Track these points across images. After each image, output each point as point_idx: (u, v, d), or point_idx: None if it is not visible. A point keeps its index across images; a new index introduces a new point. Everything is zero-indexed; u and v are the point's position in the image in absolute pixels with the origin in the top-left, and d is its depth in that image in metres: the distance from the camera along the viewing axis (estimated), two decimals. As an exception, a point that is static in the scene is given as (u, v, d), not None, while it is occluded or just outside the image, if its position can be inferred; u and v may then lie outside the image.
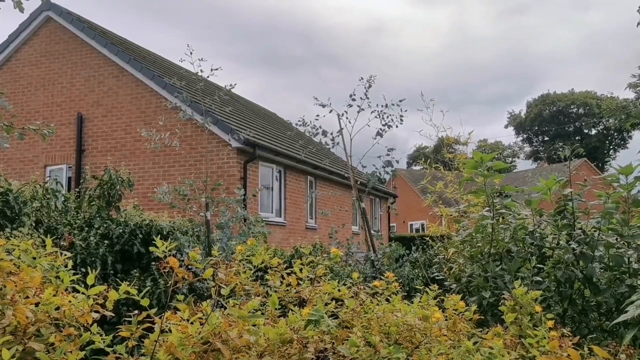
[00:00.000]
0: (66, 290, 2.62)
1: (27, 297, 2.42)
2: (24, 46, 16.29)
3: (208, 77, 7.36)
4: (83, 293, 2.47)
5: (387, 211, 24.66)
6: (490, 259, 4.71)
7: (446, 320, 2.95)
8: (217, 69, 7.26)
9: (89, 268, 5.49)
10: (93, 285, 2.48)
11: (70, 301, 2.43)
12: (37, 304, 2.40)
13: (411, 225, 45.30)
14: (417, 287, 4.64)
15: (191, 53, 7.17)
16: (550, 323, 3.02)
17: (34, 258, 2.84)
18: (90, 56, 15.54)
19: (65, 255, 2.97)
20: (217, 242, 7.11)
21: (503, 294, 3.52)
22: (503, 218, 4.91)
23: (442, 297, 3.26)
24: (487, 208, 4.90)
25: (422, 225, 41.20)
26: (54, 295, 2.43)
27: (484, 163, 4.68)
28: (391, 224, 28.77)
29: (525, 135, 73.68)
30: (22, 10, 3.24)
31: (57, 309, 2.42)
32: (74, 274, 2.76)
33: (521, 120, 72.52)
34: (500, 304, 3.45)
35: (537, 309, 3.20)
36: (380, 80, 7.87)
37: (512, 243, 4.74)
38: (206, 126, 7.55)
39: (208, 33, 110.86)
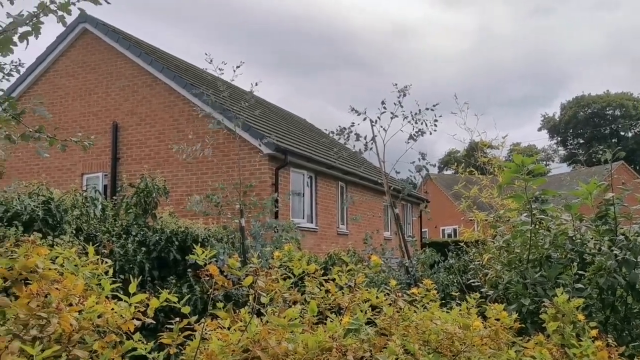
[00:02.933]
0: (107, 297, 2.67)
1: (71, 304, 2.47)
2: (62, 57, 16.72)
3: (232, 80, 7.43)
4: (125, 301, 2.51)
5: (419, 216, 24.43)
6: (529, 265, 4.62)
7: (485, 328, 2.89)
8: (240, 66, 7.32)
9: (127, 275, 5.59)
10: (135, 294, 2.51)
11: (112, 309, 2.47)
12: (80, 312, 2.44)
13: (443, 230, 44.81)
14: (452, 293, 4.57)
15: (224, 63, 7.26)
16: (593, 332, 2.95)
17: (76, 266, 2.89)
18: (125, 66, 15.86)
19: (106, 262, 3.02)
20: (252, 249, 7.15)
21: (543, 302, 3.44)
22: (542, 223, 4.80)
23: (480, 305, 3.21)
24: (526, 213, 4.80)
25: (455, 230, 40.70)
26: (97, 303, 2.47)
27: (525, 167, 4.55)
28: (423, 229, 28.51)
29: (559, 138, 72.24)
30: (65, 24, 3.33)
31: (100, 316, 2.46)
32: (113, 282, 2.81)
33: (555, 123, 71.14)
34: (540, 311, 3.37)
35: (580, 317, 3.12)
36: (404, 82, 7.79)
37: (552, 249, 4.64)
38: (238, 133, 7.61)
39: (214, 34, 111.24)
